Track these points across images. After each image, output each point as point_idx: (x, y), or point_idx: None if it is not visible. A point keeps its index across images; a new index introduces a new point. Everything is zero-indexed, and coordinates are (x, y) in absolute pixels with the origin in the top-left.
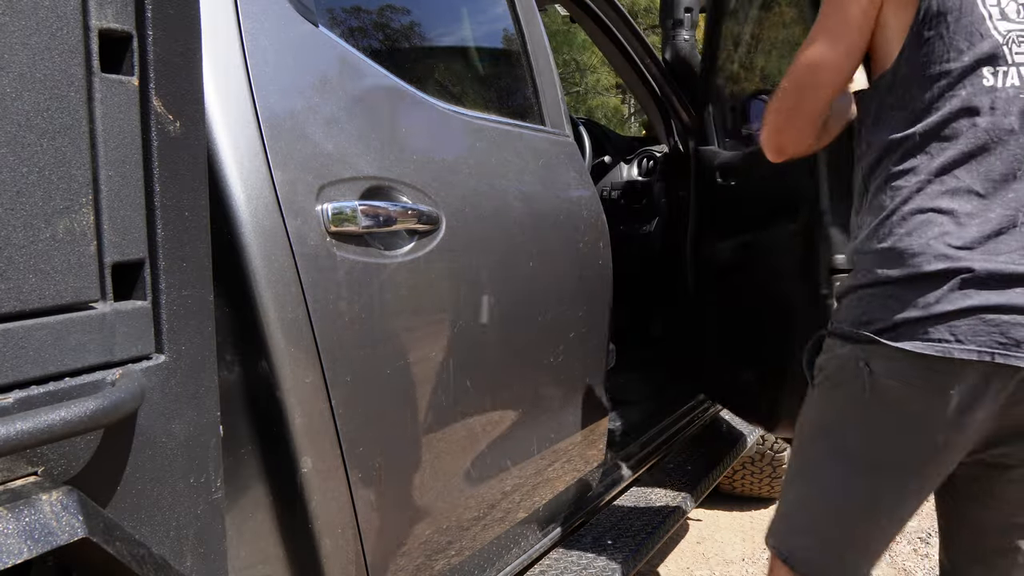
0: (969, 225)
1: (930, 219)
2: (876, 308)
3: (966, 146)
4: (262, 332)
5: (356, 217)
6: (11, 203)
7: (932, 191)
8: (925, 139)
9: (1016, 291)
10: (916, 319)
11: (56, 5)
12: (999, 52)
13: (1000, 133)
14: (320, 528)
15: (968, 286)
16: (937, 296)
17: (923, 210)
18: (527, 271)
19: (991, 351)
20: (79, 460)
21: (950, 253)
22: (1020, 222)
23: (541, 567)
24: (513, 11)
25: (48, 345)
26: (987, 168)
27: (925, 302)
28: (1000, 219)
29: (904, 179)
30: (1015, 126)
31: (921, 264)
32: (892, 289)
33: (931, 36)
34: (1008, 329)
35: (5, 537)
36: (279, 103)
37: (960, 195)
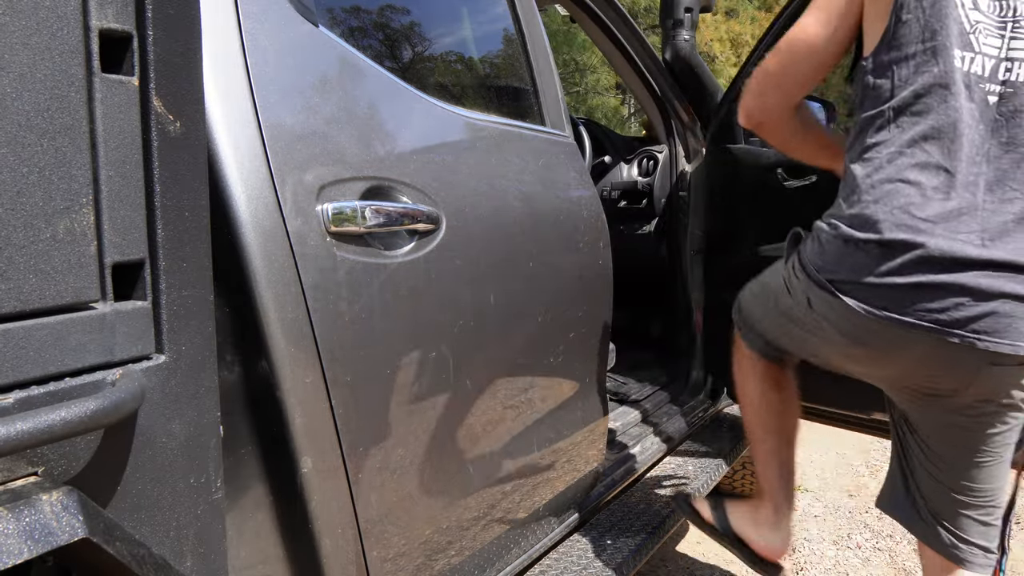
0: (934, 199)
1: (897, 189)
2: (834, 259)
3: (936, 121)
4: (262, 332)
5: (356, 217)
6: (11, 203)
7: (902, 163)
8: (897, 113)
9: (966, 274)
10: (869, 283)
11: (56, 5)
12: (968, 39)
13: (966, 116)
14: (320, 528)
15: (922, 262)
16: (892, 266)
17: (892, 180)
18: (527, 271)
19: (928, 325)
20: (79, 460)
21: (912, 223)
22: (980, 205)
23: (541, 567)
24: (513, 11)
25: (48, 345)
26: (955, 147)
27: (880, 269)
28: (962, 199)
29: (876, 151)
30: (979, 112)
31: (883, 231)
32: (853, 248)
33: (908, 19)
34: (950, 308)
35: (5, 537)
36: (279, 103)
37: (929, 169)
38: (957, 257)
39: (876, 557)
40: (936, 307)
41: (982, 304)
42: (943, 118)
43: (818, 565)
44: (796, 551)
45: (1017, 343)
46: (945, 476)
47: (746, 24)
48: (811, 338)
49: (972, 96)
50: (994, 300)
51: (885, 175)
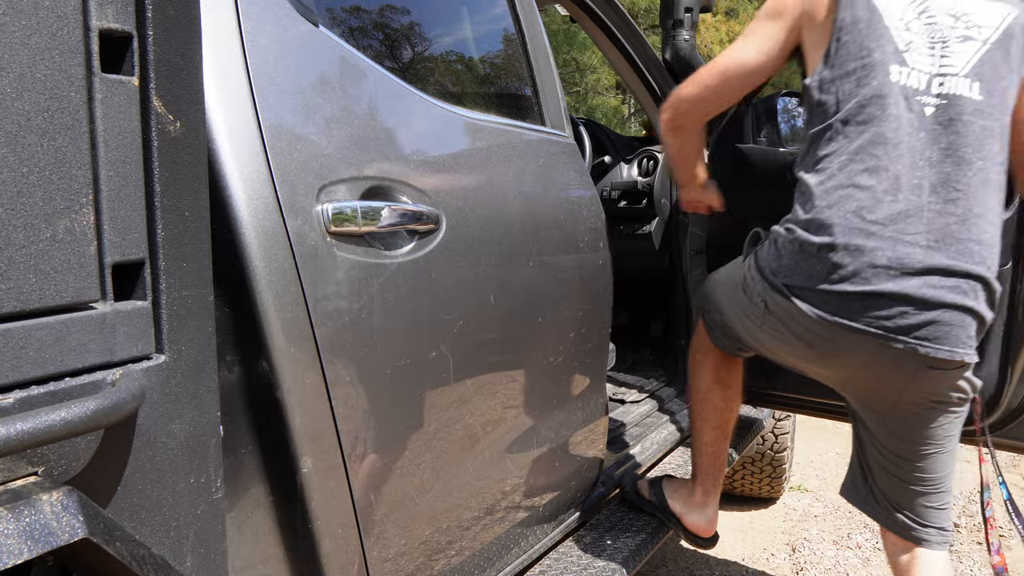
0: (883, 201)
1: (849, 194)
2: (790, 264)
3: (880, 129)
4: (262, 332)
5: (356, 217)
6: (11, 203)
7: (852, 169)
8: (844, 124)
9: (911, 282)
10: (822, 290)
11: (56, 5)
12: (902, 56)
13: (906, 124)
14: (320, 528)
15: (871, 270)
16: (843, 274)
17: (844, 186)
18: (527, 271)
19: (875, 332)
20: (79, 460)
21: (863, 227)
22: (925, 206)
23: (541, 567)
24: (513, 11)
25: (48, 345)
26: (898, 153)
27: (833, 276)
28: (908, 201)
29: (827, 160)
30: (918, 122)
31: (836, 235)
32: (808, 254)
33: (847, 40)
34: (895, 316)
35: (5, 537)
36: (279, 103)
37: (878, 172)
38: (904, 265)
39: (876, 557)
40: (883, 315)
41: (925, 313)
42: (886, 126)
43: (818, 565)
44: (796, 551)
45: (955, 349)
46: (897, 469)
47: (746, 24)
48: (765, 336)
49: (911, 107)
50: (936, 310)
51: (837, 182)
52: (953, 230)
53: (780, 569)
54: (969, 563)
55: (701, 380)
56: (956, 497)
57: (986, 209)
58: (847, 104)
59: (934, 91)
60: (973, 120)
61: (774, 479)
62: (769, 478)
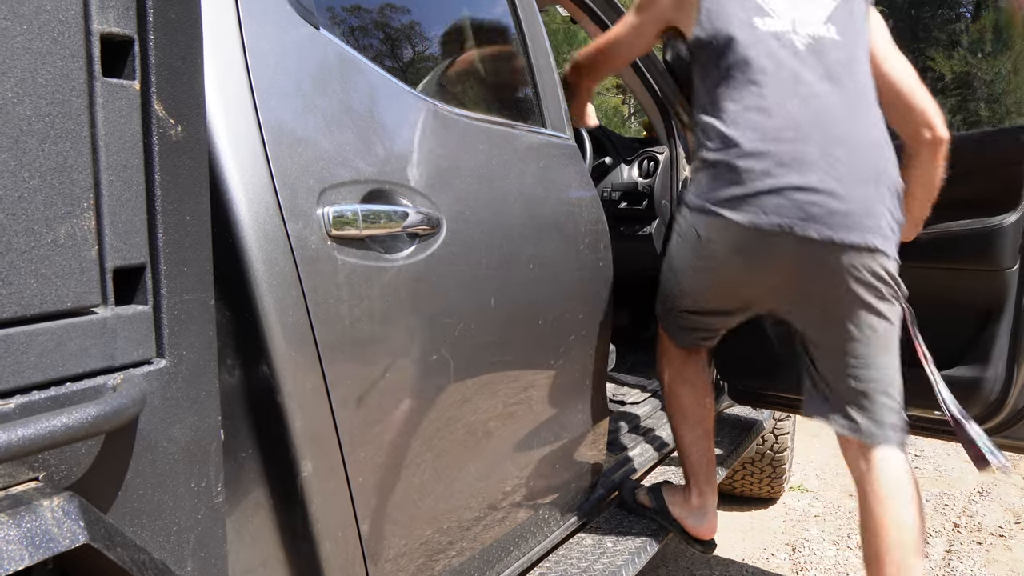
0: (778, 115)
1: (747, 116)
2: (707, 185)
3: (760, 63)
4: (263, 336)
5: (357, 220)
6: (13, 208)
7: (746, 99)
8: (728, 69)
9: (814, 176)
10: (737, 195)
11: (58, 9)
12: (763, 11)
13: (782, 59)
14: (321, 531)
15: (779, 168)
16: (753, 175)
17: (741, 112)
18: (527, 273)
19: (790, 223)
20: (80, 465)
21: (765, 136)
22: (813, 117)
23: (541, 569)
24: (514, 12)
25: (49, 350)
26: (781, 78)
27: (744, 180)
28: (799, 114)
29: (721, 100)
30: (790, 56)
31: (743, 144)
32: (720, 169)
33: (712, 7)
34: (806, 206)
35: (6, 544)
36: (280, 106)
37: (766, 97)
38: (806, 161)
39: None
40: (794, 208)
41: (831, 202)
42: (765, 62)
43: (818, 565)
44: (796, 551)
45: (866, 235)
46: (849, 370)
47: None
48: (707, 278)
49: (783, 45)
50: (840, 199)
51: (735, 111)
52: (842, 132)
53: (780, 569)
54: (969, 563)
55: (669, 383)
56: (956, 497)
57: (868, 116)
58: (726, 53)
59: (800, 32)
60: (838, 51)
61: (774, 479)
62: (769, 478)
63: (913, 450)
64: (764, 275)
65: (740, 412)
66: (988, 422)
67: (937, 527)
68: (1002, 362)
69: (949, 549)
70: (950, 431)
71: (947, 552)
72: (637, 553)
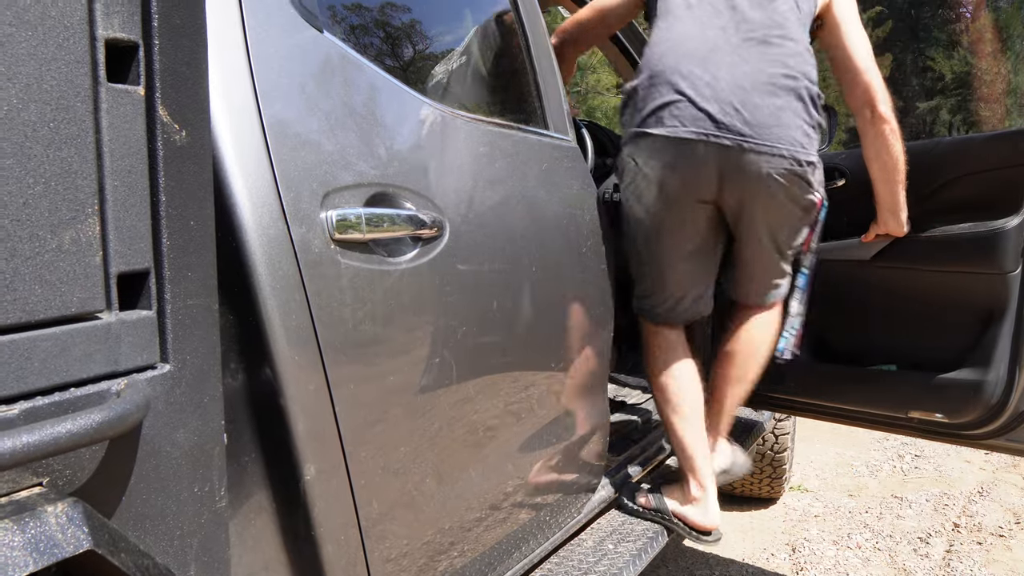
0: (690, 41)
1: (660, 46)
2: (631, 115)
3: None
4: (266, 340)
5: (360, 224)
6: (17, 213)
7: (662, 34)
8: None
9: (723, 91)
10: (655, 115)
11: (63, 15)
12: None
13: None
14: (323, 533)
15: (686, 83)
16: (666, 92)
17: (660, 41)
18: (529, 276)
19: (705, 132)
20: (84, 471)
21: (676, 61)
22: (722, 45)
23: (543, 570)
24: (516, 14)
25: (54, 355)
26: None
27: (660, 98)
28: (710, 43)
29: (651, 38)
30: None
31: (653, 67)
32: (639, 95)
33: None
34: (718, 116)
35: (11, 550)
36: (284, 110)
37: (679, 28)
38: (717, 78)
39: (876, 557)
40: (707, 119)
41: (742, 113)
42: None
43: (818, 565)
44: (796, 551)
45: (775, 144)
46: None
47: None
48: (655, 205)
49: None
50: (748, 111)
51: (651, 44)
52: (750, 55)
53: (780, 569)
54: (969, 563)
55: (656, 375)
56: (956, 497)
57: (774, 45)
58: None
59: None
60: None
61: (774, 479)
62: (769, 478)
63: (913, 450)
64: (697, 188)
65: (740, 413)
66: (989, 425)
67: (937, 527)
68: (1003, 365)
69: (949, 549)
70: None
71: (947, 552)
72: (638, 555)
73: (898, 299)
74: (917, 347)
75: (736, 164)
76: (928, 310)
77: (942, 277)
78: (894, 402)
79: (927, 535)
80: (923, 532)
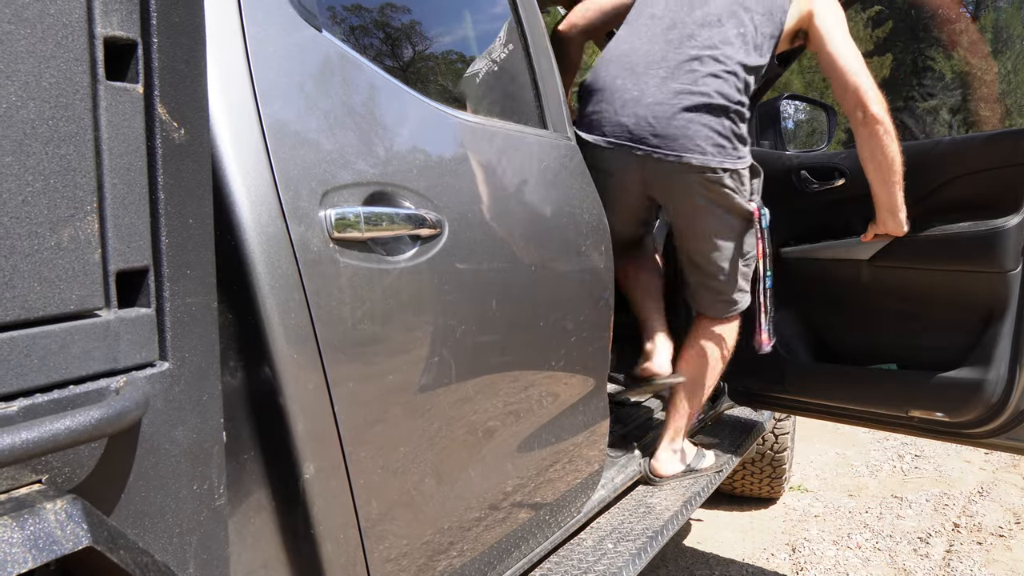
0: (625, 53)
1: (609, 54)
2: (578, 112)
3: (640, 13)
4: (265, 338)
5: (359, 223)
6: (16, 211)
7: (610, 45)
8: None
9: (646, 104)
10: (589, 120)
11: (61, 13)
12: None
13: (645, 12)
14: (322, 532)
15: (613, 95)
16: (597, 101)
17: (606, 51)
18: (529, 275)
19: (620, 142)
20: (83, 468)
21: (620, 68)
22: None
23: (542, 570)
24: (515, 13)
25: (53, 353)
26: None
27: (592, 106)
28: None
29: (602, 53)
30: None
31: (598, 73)
32: (583, 95)
33: None
34: (633, 128)
35: (10, 546)
36: (283, 109)
37: (621, 40)
38: (644, 91)
39: (876, 557)
40: (622, 130)
41: (655, 126)
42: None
43: (818, 565)
44: (796, 551)
45: (682, 154)
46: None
47: None
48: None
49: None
50: (661, 123)
51: (601, 57)
52: (681, 73)
53: (780, 569)
54: (969, 563)
55: (629, 290)
56: (956, 497)
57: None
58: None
59: None
60: (708, 6)
61: (774, 479)
62: (769, 478)
63: (913, 450)
64: (629, 191)
65: (740, 413)
66: (990, 423)
67: (937, 527)
68: (1004, 364)
69: (949, 549)
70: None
71: (947, 552)
72: (638, 554)
73: (898, 298)
74: (917, 346)
75: (653, 172)
76: (928, 309)
77: (942, 276)
78: (894, 401)
79: (927, 535)
80: (923, 532)
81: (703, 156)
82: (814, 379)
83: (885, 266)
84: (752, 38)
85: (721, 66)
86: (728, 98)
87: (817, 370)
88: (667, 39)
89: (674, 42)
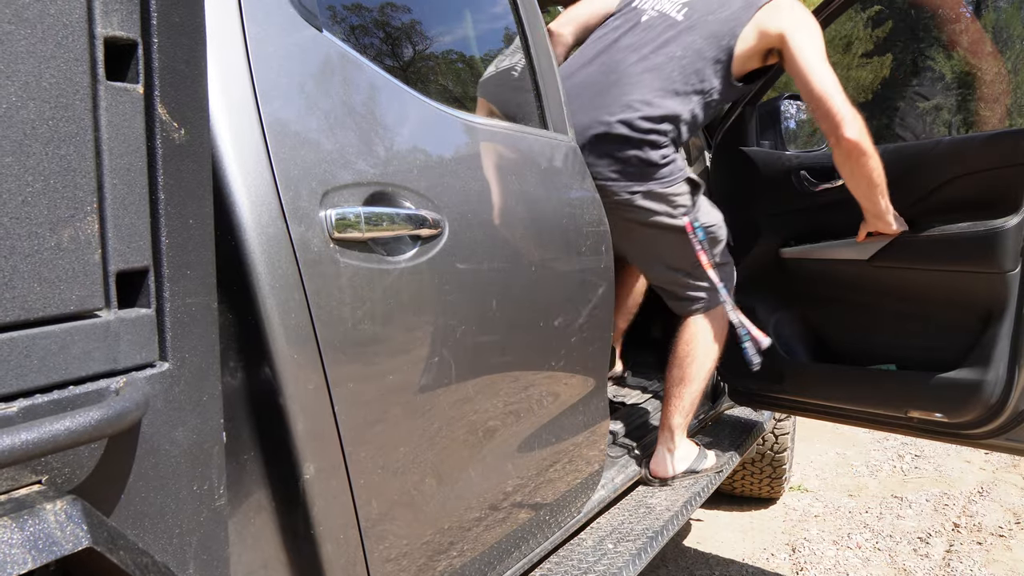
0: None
1: (563, 71)
2: None
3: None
4: (265, 338)
5: (359, 223)
6: (16, 211)
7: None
8: None
9: (604, 146)
10: None
11: (62, 13)
12: None
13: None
14: (322, 532)
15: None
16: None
17: (564, 66)
18: (529, 275)
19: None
20: (83, 468)
21: (569, 87)
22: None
23: (542, 570)
24: (516, 13)
25: (52, 353)
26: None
27: None
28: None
29: None
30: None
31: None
32: None
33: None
34: (598, 166)
35: (9, 547)
36: (283, 109)
37: (576, 60)
38: (583, 115)
39: (876, 557)
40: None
41: (605, 156)
42: (609, 27)
43: (818, 565)
44: (796, 551)
45: (611, 180)
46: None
47: None
48: None
49: (630, 17)
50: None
51: None
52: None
53: (780, 569)
54: (969, 563)
55: None
56: (956, 497)
57: (643, 84)
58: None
59: (652, 7)
60: (669, 30)
61: (774, 479)
62: (769, 478)
63: (913, 450)
64: None
65: (740, 413)
66: (989, 424)
67: (937, 527)
68: (1003, 364)
69: (949, 549)
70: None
71: (947, 552)
72: (638, 554)
73: (898, 298)
74: (916, 346)
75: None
76: (927, 309)
77: (941, 276)
78: (894, 401)
79: (927, 535)
80: (923, 532)
81: (606, 182)
82: (814, 379)
83: (884, 266)
84: (687, 64)
85: (639, 92)
86: (634, 128)
87: (817, 370)
88: (602, 60)
89: (607, 66)
